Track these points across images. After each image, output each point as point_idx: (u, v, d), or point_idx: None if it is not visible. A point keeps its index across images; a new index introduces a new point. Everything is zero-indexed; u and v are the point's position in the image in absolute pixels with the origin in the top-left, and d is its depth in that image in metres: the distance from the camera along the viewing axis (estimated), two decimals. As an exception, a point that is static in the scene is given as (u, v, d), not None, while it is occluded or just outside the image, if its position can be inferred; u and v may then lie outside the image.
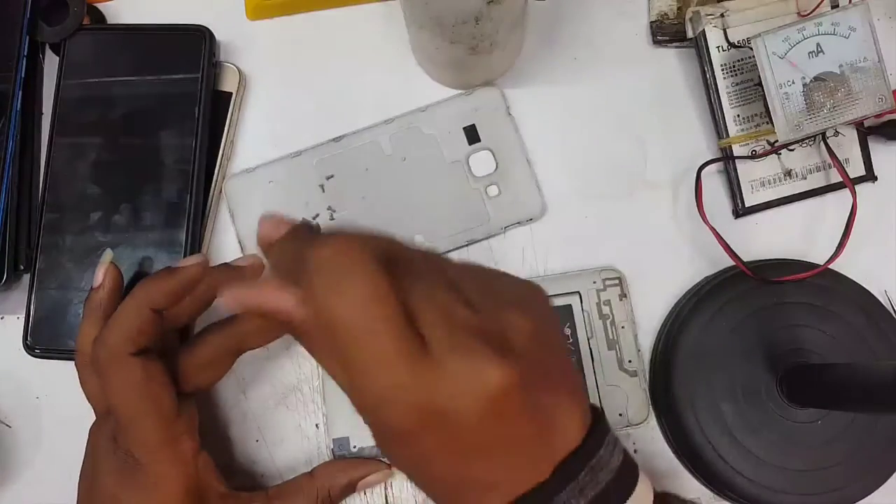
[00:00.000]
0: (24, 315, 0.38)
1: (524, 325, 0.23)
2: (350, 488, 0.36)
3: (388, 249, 0.24)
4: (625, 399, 0.37)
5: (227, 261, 0.35)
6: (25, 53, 0.39)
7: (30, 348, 0.38)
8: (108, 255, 0.35)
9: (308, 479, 0.35)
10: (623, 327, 0.38)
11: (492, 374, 0.22)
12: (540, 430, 0.23)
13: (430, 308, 0.22)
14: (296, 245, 0.25)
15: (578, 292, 0.38)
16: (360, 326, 0.22)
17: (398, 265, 0.23)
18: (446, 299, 0.23)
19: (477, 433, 0.22)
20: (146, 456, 0.30)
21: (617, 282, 0.38)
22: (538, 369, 0.23)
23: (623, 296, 0.38)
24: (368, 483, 0.36)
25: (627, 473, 0.24)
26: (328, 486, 0.35)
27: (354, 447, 0.37)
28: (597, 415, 0.25)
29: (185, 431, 0.31)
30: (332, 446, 0.37)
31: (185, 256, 0.38)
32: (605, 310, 0.38)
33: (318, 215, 0.39)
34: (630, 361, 0.37)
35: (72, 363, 0.38)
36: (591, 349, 0.37)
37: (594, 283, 0.38)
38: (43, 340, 0.38)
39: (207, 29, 0.39)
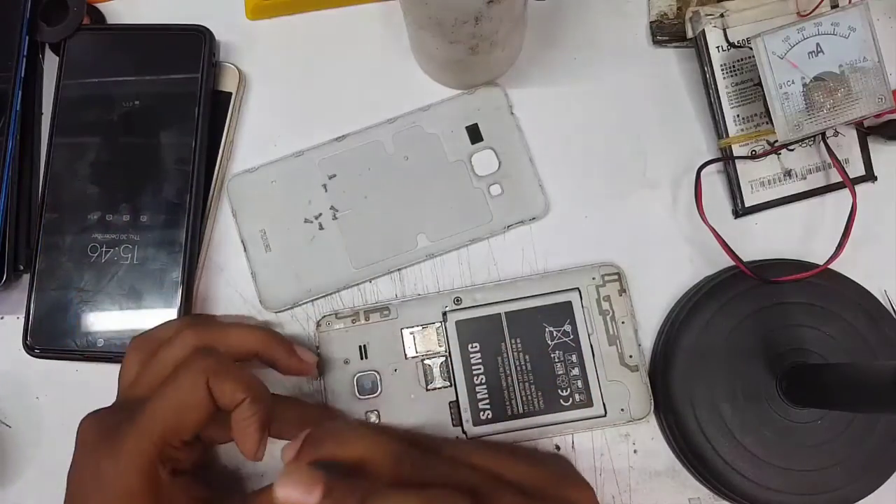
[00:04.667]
0: (23, 315, 0.38)
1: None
2: None
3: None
4: (626, 394, 0.37)
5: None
6: (25, 53, 0.39)
7: (29, 348, 0.38)
8: None
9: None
10: (623, 322, 0.38)
11: None
12: None
13: None
14: None
15: (577, 289, 0.38)
16: None
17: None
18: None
19: None
20: (128, 460, 0.30)
21: (616, 277, 0.38)
22: None
23: (622, 291, 0.38)
24: None
25: None
26: None
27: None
28: None
29: (177, 461, 0.32)
30: (332, 446, 0.37)
31: (184, 257, 0.37)
32: (605, 305, 0.38)
33: (320, 214, 0.39)
34: (631, 356, 0.38)
35: (72, 364, 0.38)
36: (591, 345, 0.37)
37: (593, 278, 0.38)
38: (43, 340, 0.38)
39: (207, 29, 0.39)
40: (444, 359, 0.38)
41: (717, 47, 0.39)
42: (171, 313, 0.37)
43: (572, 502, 0.26)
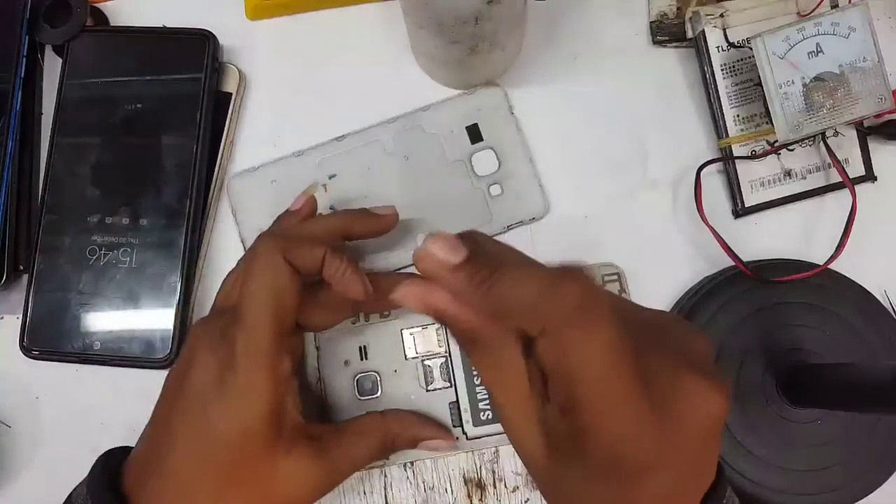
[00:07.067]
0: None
1: (705, 349, 0.26)
2: (413, 442, 0.35)
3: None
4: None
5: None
6: (25, 53, 0.39)
7: (26, 350, 0.37)
8: (312, 186, 0.37)
9: (378, 421, 0.35)
10: (623, 324, 0.38)
11: (711, 397, 0.23)
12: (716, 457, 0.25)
13: (642, 345, 0.24)
14: (526, 280, 0.24)
15: (579, 292, 0.38)
16: (608, 371, 0.23)
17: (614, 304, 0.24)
18: (647, 333, 0.24)
19: (696, 456, 0.24)
20: (247, 359, 0.29)
21: (616, 277, 0.38)
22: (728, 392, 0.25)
23: (622, 291, 0.38)
24: (431, 446, 0.35)
25: None
26: (395, 433, 0.35)
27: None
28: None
29: (290, 352, 0.32)
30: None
31: (183, 262, 0.37)
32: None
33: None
34: (631, 359, 0.38)
35: (73, 364, 0.38)
36: (591, 349, 0.37)
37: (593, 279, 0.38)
38: (40, 342, 0.37)
39: (211, 33, 0.39)
40: (444, 359, 0.38)
41: (717, 47, 0.39)
42: (168, 316, 0.37)
43: (691, 345, 0.26)
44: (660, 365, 0.24)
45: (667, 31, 0.40)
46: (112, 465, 0.31)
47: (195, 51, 0.39)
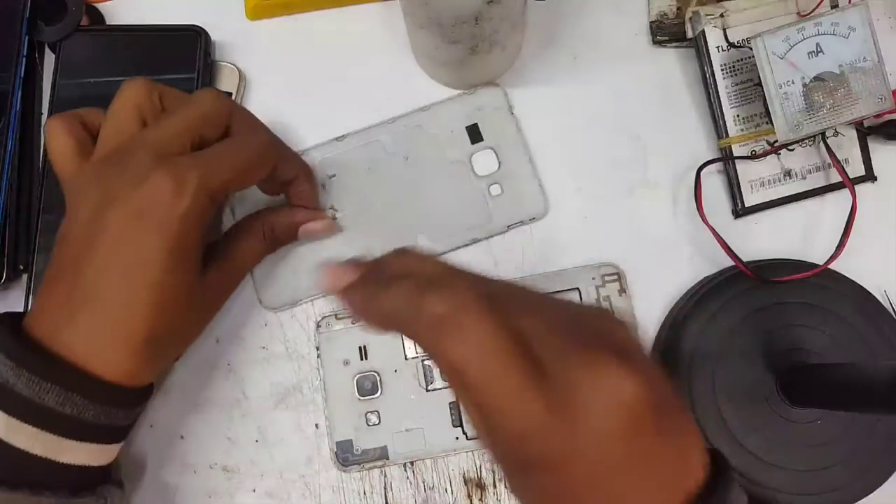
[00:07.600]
0: (23, 315, 0.38)
1: (627, 335, 0.24)
2: (292, 229, 0.37)
3: (488, 287, 0.25)
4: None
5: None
6: (25, 53, 0.39)
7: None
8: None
9: (255, 218, 0.37)
10: (623, 324, 0.38)
11: (622, 380, 0.22)
12: (672, 452, 0.23)
13: (539, 335, 0.23)
14: (395, 294, 0.25)
15: (577, 289, 0.38)
16: (487, 373, 0.22)
17: (498, 300, 0.24)
18: (549, 323, 0.24)
19: (617, 449, 0.22)
20: (201, 192, 0.30)
21: (616, 277, 0.38)
22: (656, 380, 0.22)
23: (622, 291, 0.38)
24: (309, 229, 0.37)
25: None
26: (273, 223, 0.37)
27: (358, 450, 0.37)
28: (715, 452, 0.25)
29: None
30: (335, 449, 0.37)
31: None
32: (605, 305, 0.38)
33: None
34: (631, 359, 0.38)
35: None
36: (591, 349, 0.37)
37: (593, 279, 0.38)
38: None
39: (202, 28, 0.39)
40: (444, 359, 0.38)
41: (717, 47, 0.39)
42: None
43: (606, 329, 0.24)
44: (562, 351, 0.23)
45: (667, 31, 0.40)
46: (11, 327, 0.30)
47: (187, 47, 0.39)
